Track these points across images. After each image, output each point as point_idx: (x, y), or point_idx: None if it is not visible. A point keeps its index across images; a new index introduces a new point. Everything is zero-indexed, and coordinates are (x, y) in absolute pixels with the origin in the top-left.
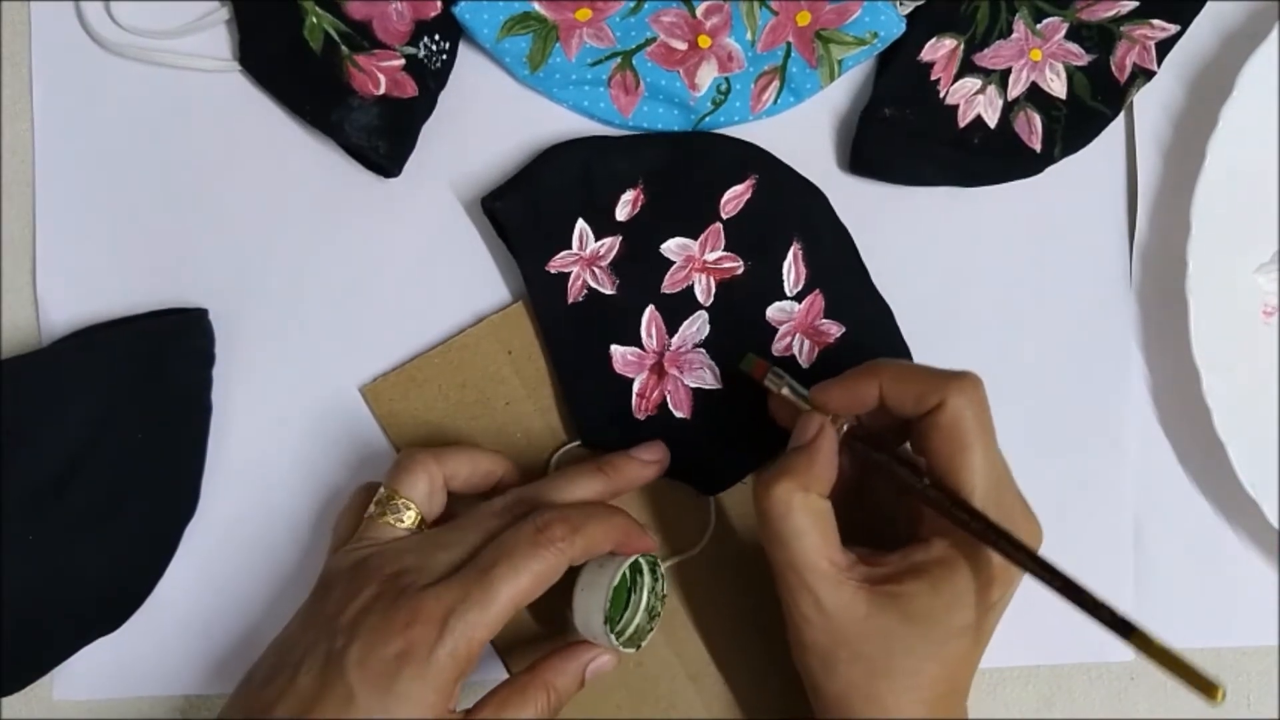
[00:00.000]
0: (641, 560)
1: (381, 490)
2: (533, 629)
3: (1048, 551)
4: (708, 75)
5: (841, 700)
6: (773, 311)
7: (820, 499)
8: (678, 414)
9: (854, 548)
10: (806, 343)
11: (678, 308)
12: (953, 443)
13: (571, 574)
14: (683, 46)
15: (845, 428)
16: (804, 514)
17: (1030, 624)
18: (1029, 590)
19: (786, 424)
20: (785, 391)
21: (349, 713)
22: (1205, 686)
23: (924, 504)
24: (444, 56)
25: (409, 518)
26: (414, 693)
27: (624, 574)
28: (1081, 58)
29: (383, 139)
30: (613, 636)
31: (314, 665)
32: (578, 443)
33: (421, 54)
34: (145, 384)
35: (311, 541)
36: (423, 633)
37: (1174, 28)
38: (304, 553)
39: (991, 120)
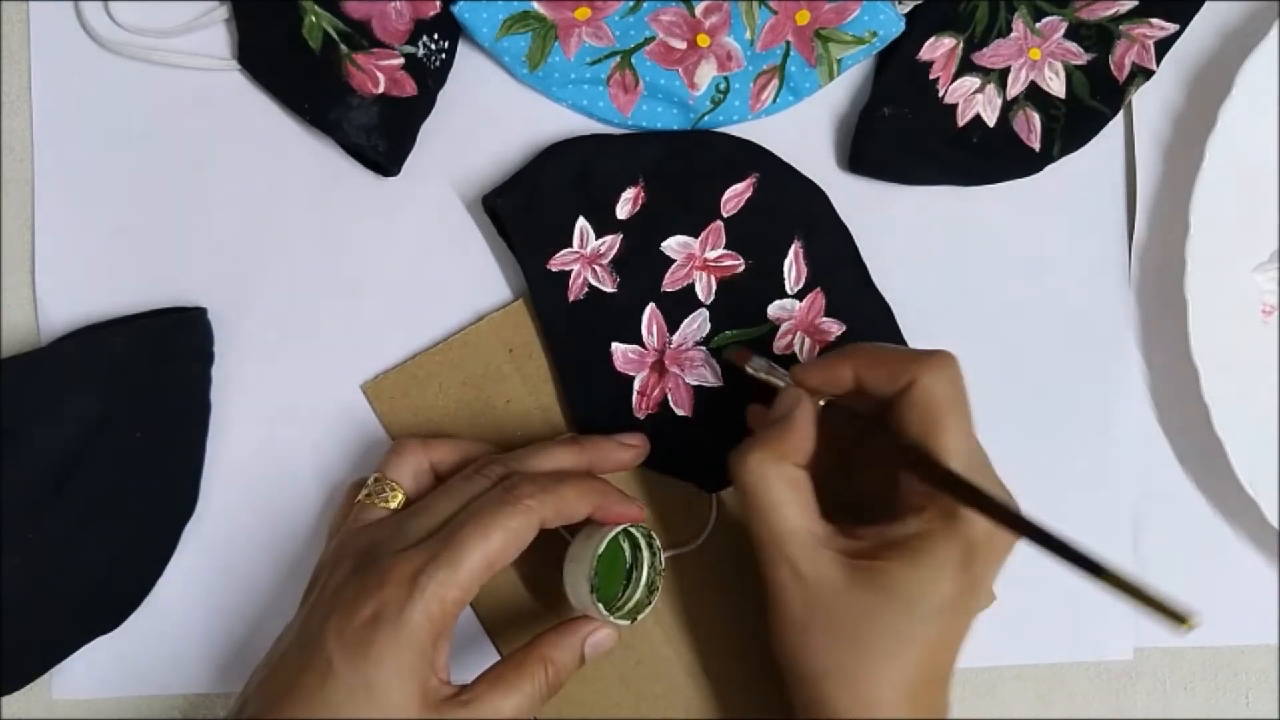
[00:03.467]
0: (636, 534)
1: (371, 477)
2: (534, 619)
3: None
4: (707, 74)
5: (818, 680)
6: (773, 310)
7: (796, 469)
8: (679, 412)
9: (835, 522)
10: (807, 341)
11: (678, 306)
12: (927, 419)
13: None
14: (682, 45)
15: (823, 402)
16: (779, 483)
17: (1029, 623)
18: (1028, 589)
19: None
20: (764, 375)
21: (328, 682)
22: (1175, 618)
23: (904, 469)
24: (443, 55)
25: (395, 500)
26: (389, 654)
27: (620, 548)
28: (1080, 57)
29: (382, 138)
30: (600, 606)
31: (297, 644)
32: (569, 435)
33: (420, 53)
34: (144, 383)
35: (312, 540)
36: (393, 593)
37: (1173, 27)
38: (305, 551)
39: (990, 119)
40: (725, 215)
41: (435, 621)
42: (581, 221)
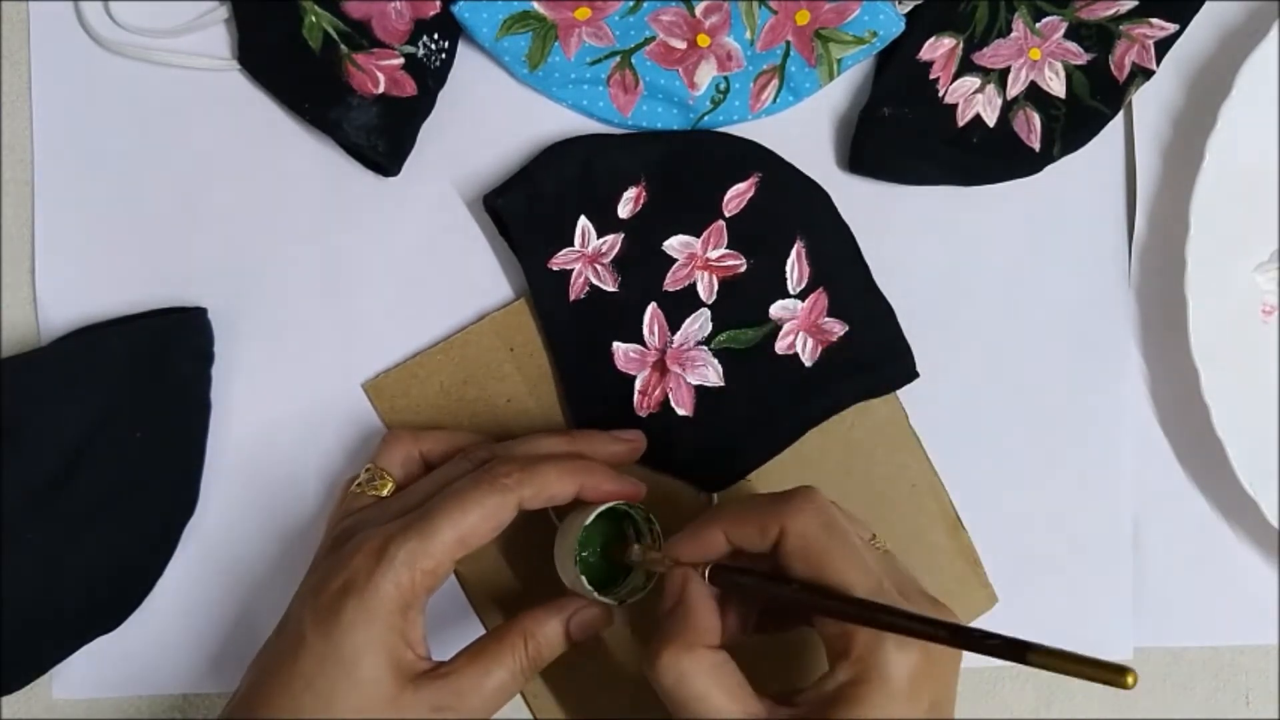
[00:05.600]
0: (636, 516)
1: (364, 468)
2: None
3: (1049, 554)
4: (707, 74)
5: None
6: (775, 309)
7: (711, 652)
8: (680, 411)
9: (768, 693)
10: (810, 341)
11: (680, 305)
12: (811, 563)
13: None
14: (682, 45)
15: (709, 569)
16: (697, 674)
17: (1029, 623)
18: (1028, 589)
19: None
20: (641, 561)
21: (301, 653)
22: (1116, 675)
23: (812, 613)
24: (443, 55)
25: (385, 489)
26: (358, 622)
27: (619, 531)
28: (1080, 57)
29: (382, 138)
30: (584, 580)
31: (279, 627)
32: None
33: (421, 53)
34: (145, 383)
35: (312, 539)
36: (363, 562)
37: (1173, 27)
38: (305, 551)
39: (990, 119)
40: (727, 215)
41: (404, 590)
42: (583, 221)
